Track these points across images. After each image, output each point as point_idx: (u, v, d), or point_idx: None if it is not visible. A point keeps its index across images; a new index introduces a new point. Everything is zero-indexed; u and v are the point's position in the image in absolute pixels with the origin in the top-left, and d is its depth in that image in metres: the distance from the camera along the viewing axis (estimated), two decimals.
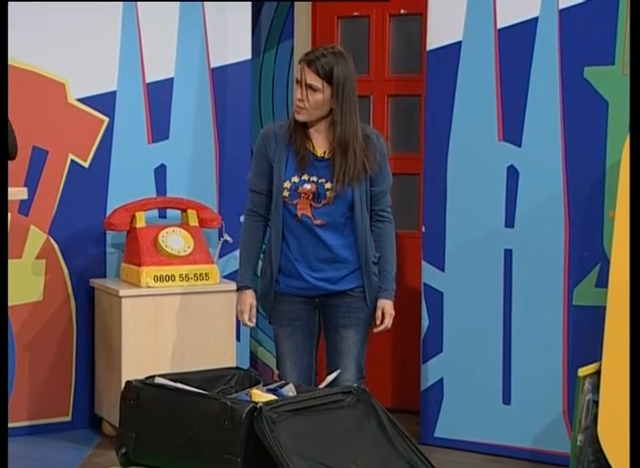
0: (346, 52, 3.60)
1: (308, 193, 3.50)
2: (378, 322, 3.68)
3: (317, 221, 3.52)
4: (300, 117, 3.52)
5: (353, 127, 3.51)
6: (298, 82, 3.51)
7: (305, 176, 3.52)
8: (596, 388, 3.94)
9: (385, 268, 3.67)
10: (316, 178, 3.53)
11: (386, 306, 3.67)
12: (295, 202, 3.53)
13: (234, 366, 3.65)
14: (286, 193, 3.53)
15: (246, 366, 4.81)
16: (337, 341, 3.66)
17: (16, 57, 4.57)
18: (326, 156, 3.55)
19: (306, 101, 3.48)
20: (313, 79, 3.47)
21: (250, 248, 3.66)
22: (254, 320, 3.69)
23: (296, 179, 3.52)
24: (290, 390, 3.11)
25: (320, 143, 3.57)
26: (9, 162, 3.49)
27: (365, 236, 3.59)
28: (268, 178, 3.57)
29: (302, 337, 3.65)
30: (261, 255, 3.75)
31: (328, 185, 3.52)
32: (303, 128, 3.55)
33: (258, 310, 3.74)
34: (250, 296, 3.65)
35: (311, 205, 3.51)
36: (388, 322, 3.68)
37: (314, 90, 3.47)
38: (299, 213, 3.52)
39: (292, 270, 3.59)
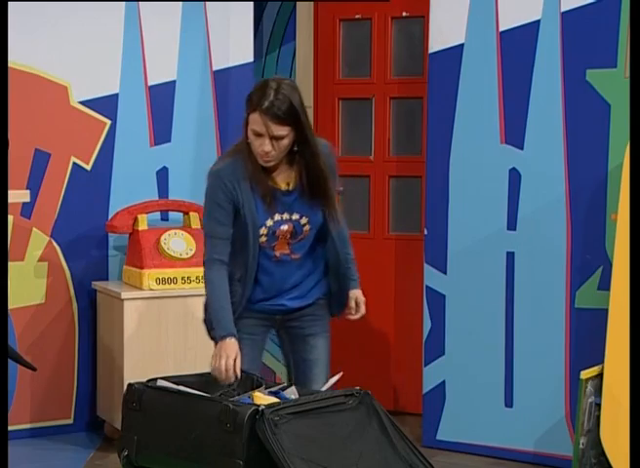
0: (280, 77, 3.35)
1: (286, 233, 3.32)
2: (353, 312, 3.57)
3: (294, 256, 3.37)
4: (270, 165, 3.25)
5: (317, 150, 3.29)
6: (259, 135, 3.19)
7: (278, 216, 3.31)
8: (598, 391, 3.94)
9: (347, 259, 3.52)
10: (288, 216, 3.33)
11: (358, 295, 3.57)
12: (273, 245, 3.34)
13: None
14: (263, 239, 3.30)
15: None
16: (305, 351, 3.51)
17: (18, 59, 4.58)
18: (291, 188, 3.32)
19: (274, 151, 3.20)
20: (278, 129, 3.18)
21: (222, 297, 3.30)
22: (238, 372, 3.25)
23: (270, 223, 3.31)
24: (292, 393, 3.11)
25: (281, 176, 3.31)
26: (10, 163, 3.48)
27: (336, 247, 3.45)
28: (233, 223, 3.30)
29: (258, 351, 3.45)
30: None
31: (304, 220, 3.34)
32: (259, 167, 3.27)
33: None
34: (237, 345, 3.25)
35: (289, 243, 3.34)
36: (364, 308, 3.57)
37: (281, 138, 3.20)
38: (277, 253, 3.34)
39: (263, 296, 3.40)
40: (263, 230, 3.29)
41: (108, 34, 4.80)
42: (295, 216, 3.32)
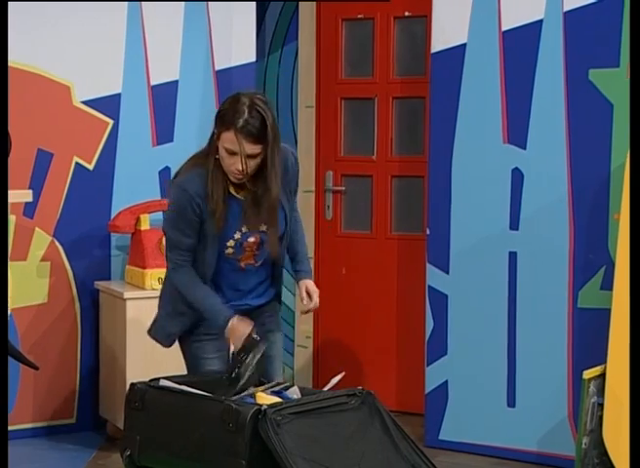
0: (252, 91, 3.28)
1: (253, 246, 3.30)
2: (304, 302, 3.43)
3: (257, 264, 3.35)
4: (242, 182, 3.20)
5: (278, 163, 3.21)
6: (232, 153, 3.13)
7: (244, 228, 3.28)
8: (601, 391, 3.94)
9: (300, 250, 3.48)
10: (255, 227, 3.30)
11: (309, 285, 3.43)
12: (239, 257, 3.31)
13: None
14: (230, 251, 3.28)
15: None
16: (267, 348, 3.39)
17: (21, 59, 4.58)
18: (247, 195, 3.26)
19: (246, 170, 3.15)
20: (251, 148, 3.12)
21: (202, 289, 3.28)
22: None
23: (238, 236, 3.28)
24: (294, 393, 3.11)
25: (239, 185, 3.25)
26: (13, 163, 3.48)
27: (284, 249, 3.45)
28: (198, 235, 3.25)
29: (226, 351, 3.37)
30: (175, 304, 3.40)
31: (269, 231, 3.31)
32: (224, 178, 3.21)
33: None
34: (240, 321, 3.24)
35: (254, 254, 3.32)
36: (317, 299, 3.42)
37: (254, 157, 3.15)
38: (242, 264, 3.32)
39: (225, 302, 3.35)
40: (231, 243, 3.27)
41: (111, 34, 4.80)
42: (262, 228, 3.29)
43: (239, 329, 3.21)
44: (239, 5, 5.04)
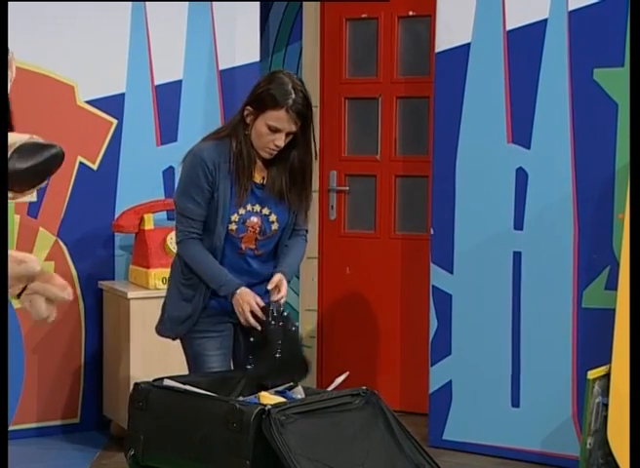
0: (287, 71, 3.37)
1: (255, 226, 3.32)
2: (275, 292, 3.31)
3: (258, 252, 3.37)
4: (271, 157, 3.29)
5: (311, 149, 3.33)
6: (275, 130, 3.24)
7: (249, 207, 3.31)
8: (606, 391, 3.93)
9: (289, 262, 3.41)
10: (259, 208, 3.33)
11: (276, 276, 3.33)
12: (241, 236, 3.33)
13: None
14: (233, 226, 3.31)
15: None
16: None
17: (25, 59, 4.57)
18: (265, 182, 3.34)
19: (281, 146, 3.26)
20: (295, 126, 3.26)
21: (212, 262, 3.31)
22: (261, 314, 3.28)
23: (242, 211, 3.31)
24: (298, 392, 3.11)
25: (259, 169, 3.34)
26: None
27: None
28: (208, 206, 3.30)
29: (229, 349, 3.44)
30: (184, 280, 3.40)
31: (272, 218, 3.35)
32: (251, 156, 3.30)
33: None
34: (247, 290, 3.28)
35: (256, 239, 3.34)
36: (284, 290, 3.32)
37: (292, 134, 3.27)
38: (243, 246, 3.34)
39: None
40: (235, 217, 3.31)
41: (115, 34, 4.80)
42: (265, 211, 3.34)
43: (248, 298, 3.26)
44: (243, 5, 5.04)
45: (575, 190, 4.40)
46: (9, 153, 2.12)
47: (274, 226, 3.36)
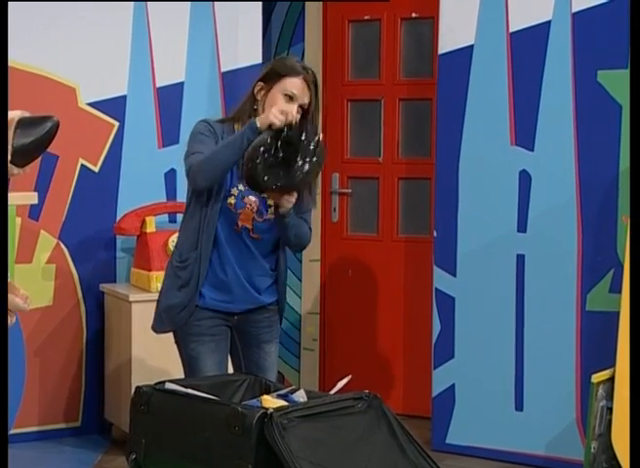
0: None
1: (253, 205, 3.33)
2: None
3: (254, 235, 3.35)
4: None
5: (316, 128, 3.33)
6: (291, 99, 3.28)
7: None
8: (610, 395, 3.91)
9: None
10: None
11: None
12: (239, 211, 3.32)
13: (244, 371, 3.62)
14: (232, 200, 3.32)
15: None
16: (259, 358, 3.47)
17: (26, 61, 4.57)
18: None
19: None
20: (308, 98, 3.32)
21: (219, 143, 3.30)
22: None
23: (242, 187, 3.31)
24: (301, 396, 3.09)
25: None
26: None
27: (286, 252, 3.47)
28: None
29: (224, 353, 3.43)
30: (179, 263, 3.39)
31: (270, 202, 3.33)
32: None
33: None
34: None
35: (254, 218, 3.33)
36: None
37: (301, 107, 3.31)
38: (240, 223, 3.33)
39: (220, 280, 3.36)
40: (235, 191, 3.33)
41: (116, 35, 4.79)
42: (263, 194, 3.33)
43: (277, 109, 3.19)
44: (245, 6, 5.03)
45: (578, 192, 4.39)
46: (12, 129, 2.11)
47: (270, 211, 3.35)
